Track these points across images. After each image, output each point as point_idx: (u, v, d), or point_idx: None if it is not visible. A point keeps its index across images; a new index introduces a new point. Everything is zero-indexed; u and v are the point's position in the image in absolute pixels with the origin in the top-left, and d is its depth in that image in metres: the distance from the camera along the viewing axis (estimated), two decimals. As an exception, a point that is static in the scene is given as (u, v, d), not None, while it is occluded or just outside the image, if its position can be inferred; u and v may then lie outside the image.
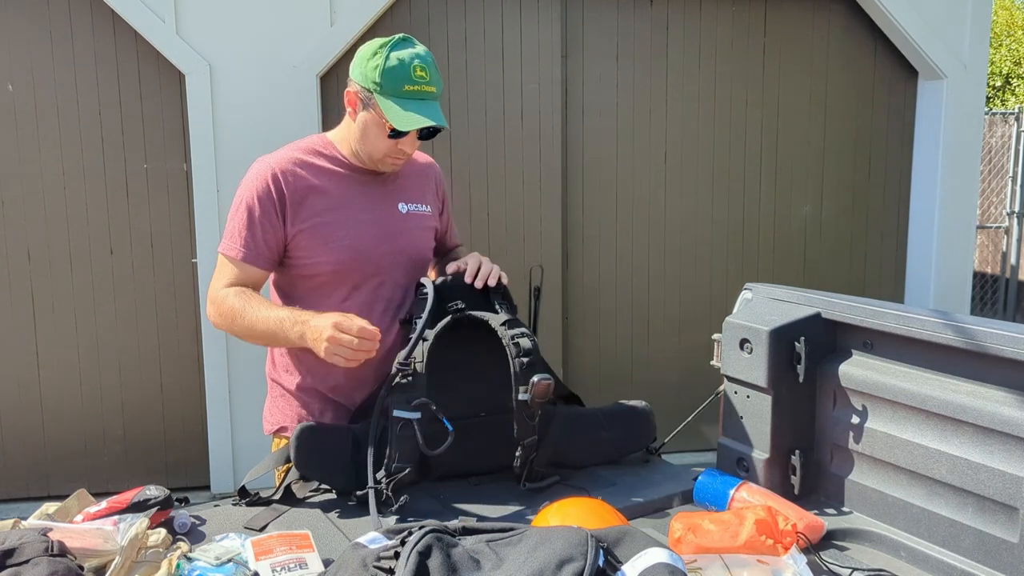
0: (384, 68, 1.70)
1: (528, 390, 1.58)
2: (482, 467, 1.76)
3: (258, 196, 1.79)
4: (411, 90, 1.71)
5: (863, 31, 4.58)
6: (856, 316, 1.59)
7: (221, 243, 1.84)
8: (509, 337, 1.62)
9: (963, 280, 4.72)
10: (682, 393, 4.21)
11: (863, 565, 1.43)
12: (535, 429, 1.65)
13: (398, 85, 1.71)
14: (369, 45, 1.75)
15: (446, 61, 4.14)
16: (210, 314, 1.84)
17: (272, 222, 1.79)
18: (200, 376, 4.05)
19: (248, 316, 1.74)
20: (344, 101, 1.82)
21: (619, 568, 1.10)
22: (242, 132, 3.90)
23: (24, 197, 3.89)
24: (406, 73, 1.70)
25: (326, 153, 1.86)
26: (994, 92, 13.26)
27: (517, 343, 1.61)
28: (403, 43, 1.75)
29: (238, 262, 1.80)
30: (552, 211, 4.35)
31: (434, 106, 1.75)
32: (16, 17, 3.80)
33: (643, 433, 1.88)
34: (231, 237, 1.81)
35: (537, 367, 1.61)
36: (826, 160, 4.66)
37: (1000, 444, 1.35)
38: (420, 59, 1.73)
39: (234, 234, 1.81)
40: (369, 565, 1.09)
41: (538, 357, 1.63)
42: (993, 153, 7.46)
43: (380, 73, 1.71)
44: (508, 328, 1.64)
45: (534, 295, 1.79)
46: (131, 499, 1.49)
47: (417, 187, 1.98)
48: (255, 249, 1.80)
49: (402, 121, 1.70)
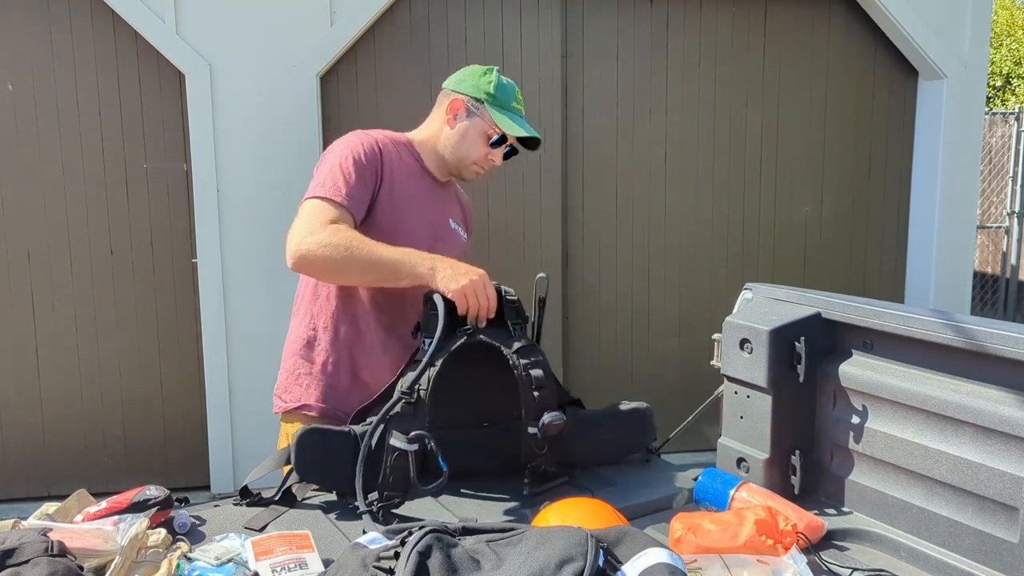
0: (498, 84, 1.97)
1: (539, 428, 1.60)
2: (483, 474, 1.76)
3: (365, 152, 1.85)
4: (517, 107, 1.99)
5: (863, 31, 4.58)
6: (856, 316, 1.59)
7: (316, 190, 1.81)
8: (522, 367, 1.61)
9: (963, 280, 4.72)
10: (682, 393, 4.20)
11: (863, 565, 1.43)
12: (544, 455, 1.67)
13: (508, 100, 1.97)
14: (475, 67, 2.01)
15: (446, 61, 4.14)
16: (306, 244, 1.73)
17: (370, 180, 1.84)
18: (200, 376, 4.05)
19: (367, 246, 1.72)
20: (444, 108, 1.99)
21: (619, 568, 1.10)
22: (242, 132, 3.90)
23: (24, 197, 3.89)
24: (513, 92, 1.99)
25: (412, 151, 2.00)
26: (994, 92, 13.27)
27: (530, 374, 1.61)
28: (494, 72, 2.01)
29: (340, 207, 1.78)
30: (552, 211, 4.35)
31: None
32: (16, 17, 3.80)
33: (644, 433, 1.88)
34: (334, 183, 1.80)
35: (549, 401, 1.62)
36: (826, 160, 4.66)
37: (1000, 444, 1.35)
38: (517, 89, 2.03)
39: (337, 181, 1.80)
40: (369, 565, 1.09)
41: (550, 388, 1.64)
42: (993, 153, 7.46)
43: (495, 87, 1.96)
44: (520, 357, 1.63)
45: (539, 305, 1.78)
46: (131, 499, 1.49)
47: (460, 212, 2.15)
48: (355, 198, 1.80)
49: (511, 128, 1.94)
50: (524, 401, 1.61)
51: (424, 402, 1.57)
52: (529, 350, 1.65)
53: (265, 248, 3.93)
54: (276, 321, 3.89)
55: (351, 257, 1.71)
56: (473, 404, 1.74)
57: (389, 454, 1.56)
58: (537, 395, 1.61)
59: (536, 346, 1.70)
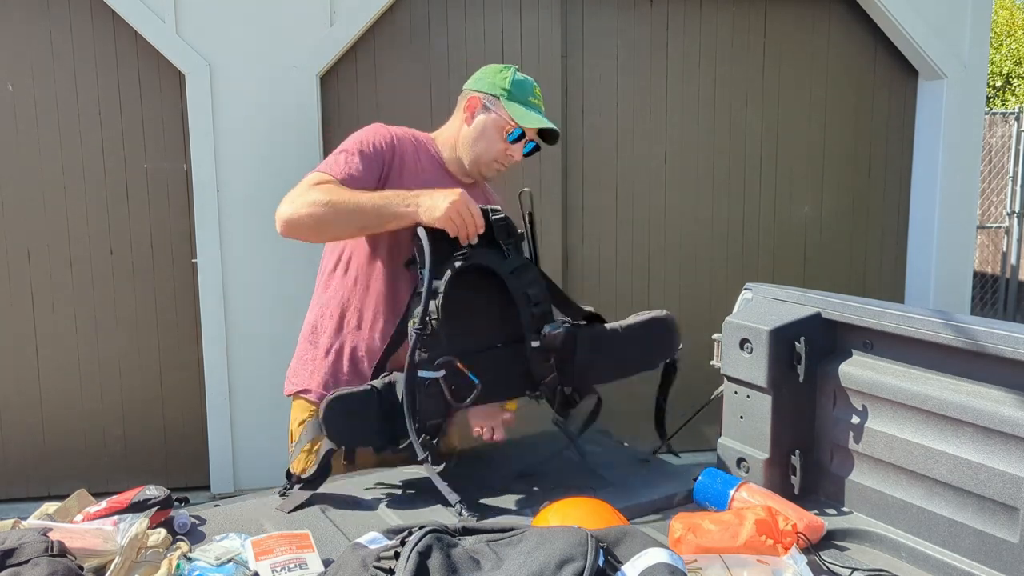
0: (514, 79, 1.96)
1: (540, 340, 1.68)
2: (503, 396, 1.83)
3: (375, 142, 1.88)
4: (533, 102, 1.98)
5: (863, 31, 4.58)
6: (856, 316, 1.59)
7: (319, 166, 1.85)
8: (517, 287, 1.70)
9: (963, 280, 4.72)
10: (682, 393, 4.20)
11: (863, 565, 1.43)
12: (553, 367, 1.74)
13: (525, 95, 1.96)
14: (493, 66, 2.01)
15: (446, 61, 4.14)
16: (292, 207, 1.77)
17: (375, 167, 1.85)
18: (200, 376, 4.05)
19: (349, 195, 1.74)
20: (462, 107, 2.00)
21: (619, 568, 1.10)
22: (242, 132, 3.90)
23: (24, 197, 3.89)
24: (530, 88, 1.98)
25: (432, 149, 2.01)
26: (994, 92, 13.27)
27: (526, 292, 1.69)
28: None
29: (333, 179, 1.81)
30: (552, 211, 4.35)
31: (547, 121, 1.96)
32: (16, 17, 3.80)
33: (669, 342, 1.92)
34: (335, 162, 1.84)
35: (548, 316, 1.71)
36: (826, 160, 4.66)
37: (1000, 444, 1.35)
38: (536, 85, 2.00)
39: (339, 161, 1.84)
40: (369, 565, 1.09)
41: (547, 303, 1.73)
42: (993, 153, 7.46)
43: (511, 83, 1.95)
44: (516, 277, 1.71)
45: (528, 222, 1.83)
46: (131, 499, 1.49)
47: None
48: (354, 178, 1.82)
49: (528, 120, 1.93)
50: (523, 318, 1.70)
51: (439, 332, 1.62)
52: (523, 268, 1.75)
53: (265, 248, 3.93)
54: (276, 321, 3.91)
55: (333, 209, 1.73)
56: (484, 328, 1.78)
57: (420, 389, 1.61)
58: (535, 311, 1.70)
59: (530, 263, 1.77)
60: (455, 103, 2.05)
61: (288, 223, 1.78)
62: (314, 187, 1.78)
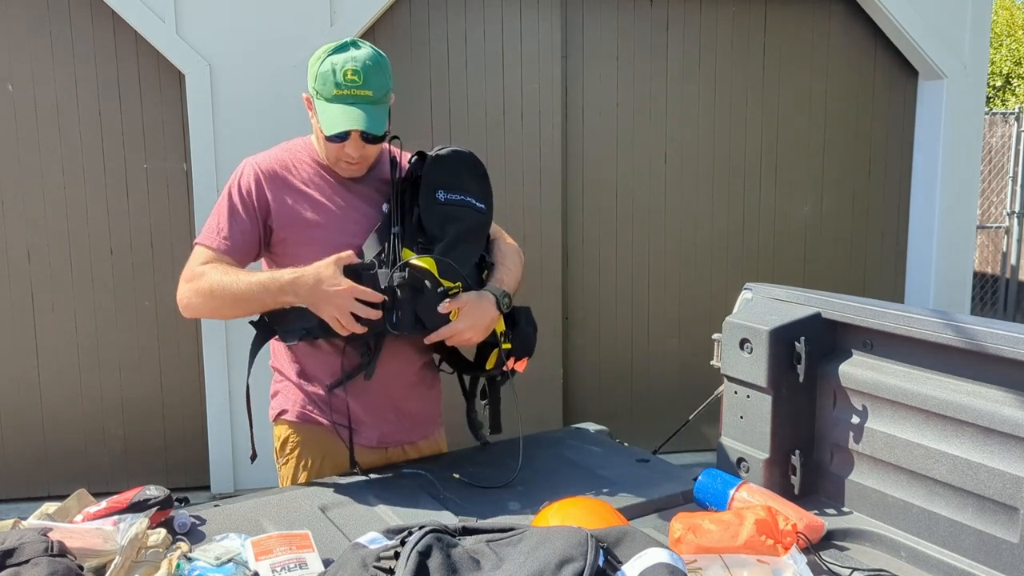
0: (318, 73, 1.72)
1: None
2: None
3: (239, 193, 1.81)
4: (340, 94, 1.71)
5: (863, 31, 4.58)
6: (856, 316, 1.59)
7: (200, 234, 1.83)
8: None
9: (963, 280, 4.72)
10: (682, 393, 4.21)
11: (863, 565, 1.43)
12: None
13: (329, 89, 1.71)
14: (321, 48, 1.75)
15: (446, 61, 4.14)
16: (183, 294, 1.78)
17: (250, 218, 1.81)
18: (200, 376, 4.05)
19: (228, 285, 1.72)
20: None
21: (619, 568, 1.10)
22: (242, 132, 3.90)
23: (24, 197, 3.89)
24: (336, 77, 1.70)
25: (311, 154, 1.87)
26: (994, 92, 13.27)
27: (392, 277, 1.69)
28: (344, 47, 1.74)
29: (217, 252, 1.80)
30: (552, 211, 4.34)
31: (368, 110, 1.72)
32: (16, 17, 3.80)
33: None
34: (209, 230, 1.82)
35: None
36: (826, 160, 4.66)
37: (1000, 444, 1.35)
38: (355, 62, 1.71)
39: (212, 227, 1.82)
40: (369, 565, 1.09)
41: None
42: (993, 153, 7.46)
43: (315, 77, 1.73)
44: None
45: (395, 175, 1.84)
46: (131, 499, 1.49)
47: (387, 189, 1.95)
48: (232, 241, 1.80)
49: (327, 124, 1.72)
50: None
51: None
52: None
53: (265, 248, 3.93)
54: (276, 321, 3.91)
55: (216, 298, 1.74)
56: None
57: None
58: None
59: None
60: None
61: (185, 310, 1.81)
62: (196, 276, 1.76)
